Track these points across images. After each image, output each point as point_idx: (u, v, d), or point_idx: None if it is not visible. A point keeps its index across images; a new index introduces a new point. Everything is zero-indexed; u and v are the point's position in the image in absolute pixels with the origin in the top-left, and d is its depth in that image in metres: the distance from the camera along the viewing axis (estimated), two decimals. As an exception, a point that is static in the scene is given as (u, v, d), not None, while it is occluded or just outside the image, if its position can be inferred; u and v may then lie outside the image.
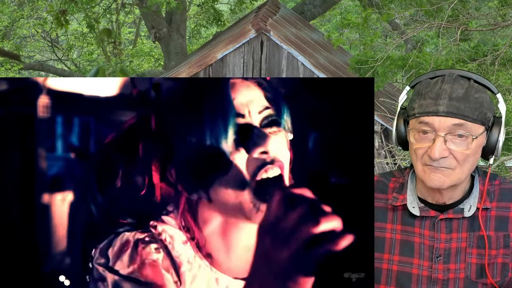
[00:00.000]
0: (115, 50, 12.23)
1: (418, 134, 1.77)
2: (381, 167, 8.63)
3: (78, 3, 11.20)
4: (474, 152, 1.76)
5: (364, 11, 8.24)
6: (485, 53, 7.02)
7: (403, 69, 7.07)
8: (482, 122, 1.76)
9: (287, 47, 9.76)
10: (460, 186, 1.81)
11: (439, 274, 1.80)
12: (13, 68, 14.90)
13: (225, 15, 15.80)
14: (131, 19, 18.22)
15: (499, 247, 1.80)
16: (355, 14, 11.85)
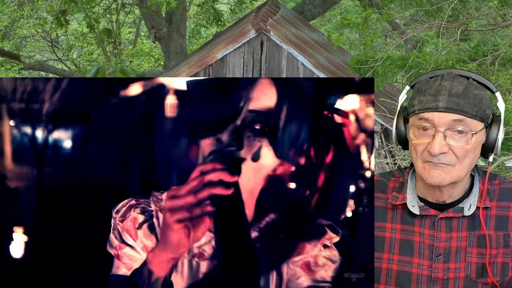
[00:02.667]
0: (115, 50, 12.22)
1: (418, 130, 1.77)
2: (381, 167, 8.63)
3: (78, 3, 11.20)
4: (474, 148, 1.76)
5: (364, 11, 8.24)
6: (485, 53, 7.02)
7: (403, 69, 7.07)
8: (481, 119, 1.76)
9: (287, 47, 9.76)
10: (459, 184, 1.81)
11: (439, 274, 1.80)
12: (13, 68, 14.89)
13: (225, 15, 15.80)
14: (131, 19, 18.23)
15: (499, 247, 1.80)
16: (355, 14, 11.87)
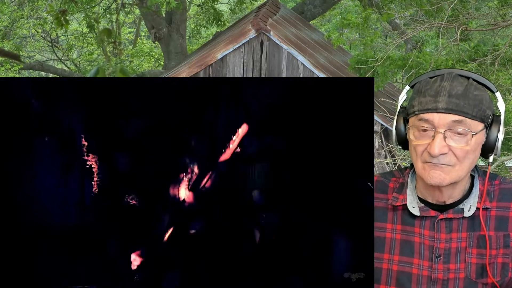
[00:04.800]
0: (115, 50, 12.21)
1: (418, 131, 1.77)
2: (381, 167, 8.63)
3: (78, 3, 11.20)
4: (474, 149, 1.76)
5: (364, 11, 8.23)
6: (485, 53, 7.02)
7: (403, 69, 7.07)
8: (481, 119, 1.76)
9: (287, 47, 9.76)
10: (459, 184, 1.81)
11: (439, 274, 1.80)
12: (13, 68, 14.88)
13: (225, 15, 15.80)
14: (131, 19, 18.23)
15: (499, 247, 1.80)
16: (355, 14, 11.85)
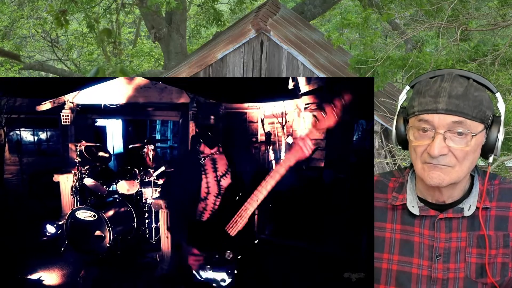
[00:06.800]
0: (115, 50, 12.21)
1: (418, 132, 1.77)
2: (381, 167, 8.63)
3: (78, 3, 11.19)
4: (474, 150, 1.76)
5: (364, 11, 8.23)
6: (485, 53, 7.02)
7: (403, 69, 7.06)
8: (481, 120, 1.76)
9: (287, 47, 9.76)
10: (459, 184, 1.81)
11: (438, 274, 1.80)
12: (13, 68, 14.88)
13: (225, 15, 15.79)
14: (131, 19, 18.23)
15: (499, 247, 1.80)
16: (355, 14, 11.86)
